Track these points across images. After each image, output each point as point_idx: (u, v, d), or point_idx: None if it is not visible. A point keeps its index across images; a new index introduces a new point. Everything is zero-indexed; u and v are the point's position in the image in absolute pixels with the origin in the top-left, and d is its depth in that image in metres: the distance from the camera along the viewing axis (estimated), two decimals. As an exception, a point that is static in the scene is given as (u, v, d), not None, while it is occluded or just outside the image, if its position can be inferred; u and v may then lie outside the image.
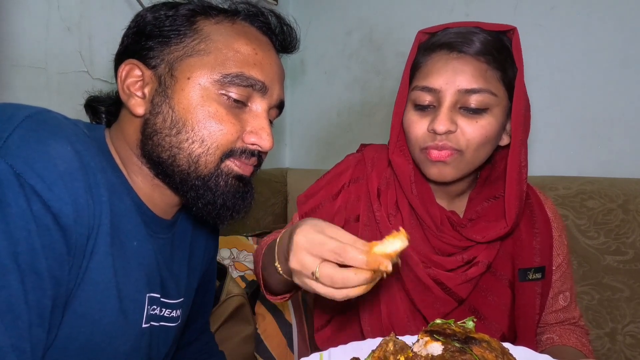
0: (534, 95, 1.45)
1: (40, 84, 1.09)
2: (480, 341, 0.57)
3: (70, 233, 0.53)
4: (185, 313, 0.81)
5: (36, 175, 0.50)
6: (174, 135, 0.63)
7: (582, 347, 0.89)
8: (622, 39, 1.31)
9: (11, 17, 1.03)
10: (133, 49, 0.67)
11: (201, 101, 0.63)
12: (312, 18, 1.95)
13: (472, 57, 0.78)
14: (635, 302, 1.20)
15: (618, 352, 1.21)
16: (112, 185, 0.60)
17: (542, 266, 0.89)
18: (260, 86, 0.66)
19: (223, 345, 1.04)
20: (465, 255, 0.85)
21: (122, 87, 0.65)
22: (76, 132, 0.57)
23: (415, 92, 0.82)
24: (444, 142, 0.79)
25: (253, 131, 0.66)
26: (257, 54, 0.67)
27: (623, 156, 1.32)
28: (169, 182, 0.67)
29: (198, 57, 0.64)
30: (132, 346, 0.64)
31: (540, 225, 0.91)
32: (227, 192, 0.66)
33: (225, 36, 0.66)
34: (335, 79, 1.91)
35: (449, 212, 0.88)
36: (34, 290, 0.49)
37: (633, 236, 1.20)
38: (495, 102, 0.79)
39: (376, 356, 0.61)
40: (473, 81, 0.77)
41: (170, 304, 0.73)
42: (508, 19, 1.47)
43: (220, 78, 0.64)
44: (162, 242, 0.71)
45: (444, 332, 0.59)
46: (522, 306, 0.88)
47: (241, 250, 1.44)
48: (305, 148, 2.04)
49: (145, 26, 0.66)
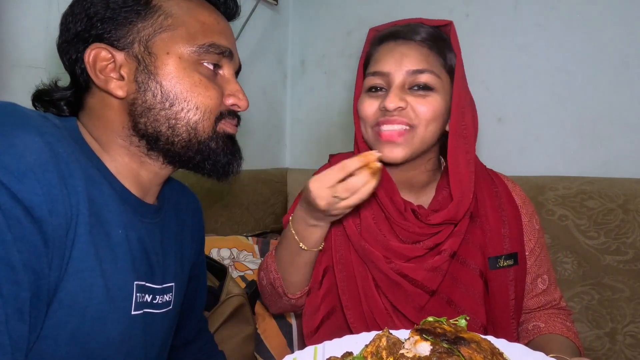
0: (534, 95, 1.45)
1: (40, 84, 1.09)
2: (469, 342, 0.57)
3: (46, 225, 0.52)
4: (178, 300, 0.80)
5: (2, 168, 0.49)
6: (168, 108, 0.66)
7: (568, 332, 0.91)
8: (622, 39, 1.31)
9: (11, 17, 1.03)
10: (87, 35, 0.66)
11: (185, 72, 0.67)
12: (312, 18, 1.95)
13: (417, 43, 0.87)
14: (635, 302, 1.20)
15: (618, 352, 1.21)
16: (89, 175, 0.60)
17: (514, 252, 0.91)
18: (228, 52, 0.72)
19: (223, 345, 1.04)
20: (429, 242, 0.87)
21: (95, 73, 0.65)
22: (45, 124, 0.57)
23: (367, 79, 0.90)
24: (395, 117, 0.84)
25: (231, 94, 0.72)
26: (219, 23, 0.72)
27: (623, 156, 1.32)
28: (169, 153, 0.69)
29: (169, 31, 0.67)
30: (124, 334, 0.64)
31: (508, 212, 0.93)
32: (226, 150, 0.72)
33: (185, 9, 0.69)
34: (335, 79, 1.91)
35: (415, 205, 0.91)
36: (8, 284, 0.48)
37: (633, 236, 1.20)
38: (440, 84, 0.86)
39: (369, 351, 0.61)
40: (418, 63, 0.85)
41: (160, 289, 0.74)
42: (508, 19, 1.47)
43: (196, 49, 0.68)
44: (150, 227, 0.72)
45: (434, 331, 0.59)
46: (496, 294, 0.89)
47: (241, 250, 1.44)
48: (305, 148, 2.04)
49: (96, 12, 0.66)
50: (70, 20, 0.67)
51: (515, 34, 1.46)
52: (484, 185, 0.94)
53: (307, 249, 0.88)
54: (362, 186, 0.75)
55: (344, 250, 0.92)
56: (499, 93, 1.49)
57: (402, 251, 0.86)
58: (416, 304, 0.86)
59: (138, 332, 0.68)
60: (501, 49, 1.49)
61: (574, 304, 1.26)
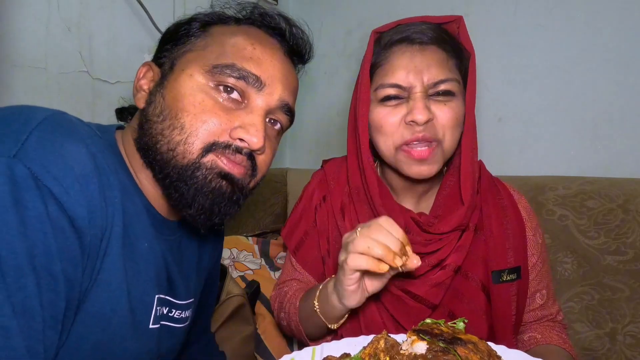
0: (534, 95, 1.45)
1: (40, 84, 1.09)
2: (466, 342, 0.57)
3: (85, 235, 0.53)
4: (193, 314, 0.81)
5: (53, 178, 0.50)
6: (160, 122, 0.64)
7: (564, 344, 0.91)
8: (622, 39, 1.31)
9: (11, 17, 1.03)
10: (156, 55, 0.72)
11: (190, 91, 0.63)
12: (312, 18, 1.95)
13: (433, 48, 0.81)
14: (635, 302, 1.20)
15: (618, 352, 1.21)
16: (124, 187, 0.61)
17: (517, 266, 0.89)
18: (254, 79, 0.64)
19: (223, 345, 1.04)
20: (432, 259, 0.84)
21: (135, 85, 0.68)
22: (90, 134, 0.58)
23: (381, 90, 0.83)
24: (424, 133, 0.79)
25: (241, 126, 0.64)
26: (255, 49, 0.66)
27: (623, 156, 1.32)
28: (154, 174, 0.65)
29: (197, 52, 0.66)
30: (141, 346, 0.65)
31: (512, 225, 0.91)
32: (207, 189, 0.63)
33: (226, 33, 0.67)
34: (335, 79, 1.91)
35: (416, 214, 0.88)
36: (48, 292, 0.49)
37: (633, 236, 1.20)
38: (459, 88, 0.82)
39: (367, 352, 0.62)
40: (440, 72, 0.80)
41: (181, 304, 0.74)
42: (508, 19, 1.47)
43: (210, 69, 0.64)
44: (170, 243, 0.72)
45: (432, 332, 0.59)
46: (499, 308, 0.88)
47: (241, 251, 1.43)
48: (305, 148, 2.03)
49: (167, 33, 0.71)
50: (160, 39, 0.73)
51: (515, 34, 1.46)
52: (489, 196, 0.91)
53: (329, 324, 0.83)
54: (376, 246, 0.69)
55: None
56: (499, 93, 1.49)
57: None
58: (417, 318, 0.85)
59: (153, 345, 0.68)
60: (501, 49, 1.48)
61: (574, 304, 1.26)
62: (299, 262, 0.99)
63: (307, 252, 0.98)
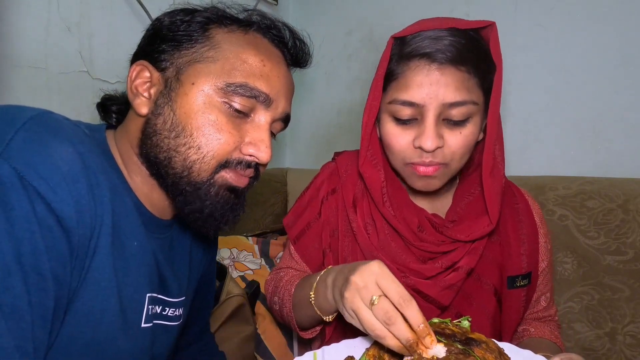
0: (535, 95, 1.45)
1: (40, 84, 1.09)
2: (479, 342, 0.57)
3: (73, 234, 0.53)
4: (186, 312, 0.81)
5: (39, 177, 0.50)
6: (172, 138, 0.63)
7: (555, 339, 0.92)
8: (622, 39, 1.31)
9: (11, 17, 1.03)
10: (147, 51, 0.68)
11: (202, 108, 0.63)
12: (312, 18, 1.95)
13: (453, 67, 0.76)
14: (635, 302, 1.20)
15: (618, 352, 1.21)
16: (114, 186, 0.61)
17: (529, 272, 0.90)
18: (264, 98, 0.66)
19: (223, 345, 1.04)
20: (445, 261, 0.83)
21: (130, 87, 0.66)
22: (77, 133, 0.58)
23: (394, 105, 0.79)
24: (430, 159, 0.78)
25: (252, 142, 0.66)
26: (264, 66, 0.67)
27: (623, 156, 1.32)
28: (162, 184, 0.67)
29: (205, 63, 0.64)
30: (134, 346, 0.65)
31: (527, 231, 0.91)
32: (217, 202, 0.66)
33: (235, 45, 0.66)
34: (335, 79, 1.91)
35: (431, 214, 0.88)
36: (37, 292, 0.49)
37: (633, 236, 1.20)
38: (476, 110, 0.79)
39: (370, 354, 0.61)
40: (457, 94, 0.75)
41: (173, 302, 0.74)
42: (508, 19, 1.47)
43: (224, 86, 0.64)
44: (161, 241, 0.72)
45: (443, 332, 0.59)
46: (509, 313, 0.88)
47: (241, 251, 1.43)
48: (305, 148, 2.03)
49: (161, 29, 0.67)
50: (144, 35, 0.70)
51: (515, 34, 1.46)
52: (506, 200, 0.91)
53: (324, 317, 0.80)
54: (394, 332, 0.58)
55: (352, 258, 0.90)
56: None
57: (420, 271, 0.84)
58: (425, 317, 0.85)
59: (146, 344, 0.68)
60: (501, 49, 1.48)
61: (574, 304, 1.26)
62: (298, 251, 0.98)
63: (308, 242, 0.97)
